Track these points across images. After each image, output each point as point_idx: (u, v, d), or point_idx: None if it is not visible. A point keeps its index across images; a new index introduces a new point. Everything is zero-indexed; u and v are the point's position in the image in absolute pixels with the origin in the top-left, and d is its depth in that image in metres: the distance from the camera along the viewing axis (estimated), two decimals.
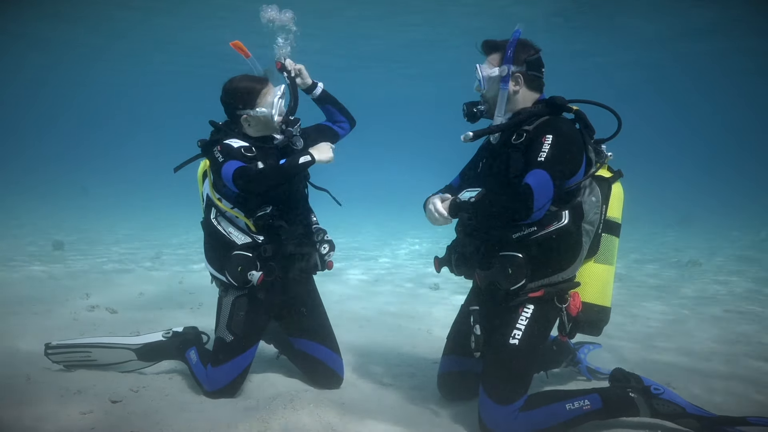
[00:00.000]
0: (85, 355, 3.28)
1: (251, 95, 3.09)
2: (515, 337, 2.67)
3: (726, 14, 15.58)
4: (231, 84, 3.14)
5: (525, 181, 2.53)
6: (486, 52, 2.88)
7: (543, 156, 2.56)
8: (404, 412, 3.00)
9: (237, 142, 3.07)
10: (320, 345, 3.36)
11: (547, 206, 2.57)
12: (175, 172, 3.32)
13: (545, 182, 2.51)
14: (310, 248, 3.25)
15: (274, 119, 3.09)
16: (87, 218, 15.04)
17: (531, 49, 2.82)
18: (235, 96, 3.11)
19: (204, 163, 3.24)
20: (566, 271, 2.73)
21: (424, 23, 17.52)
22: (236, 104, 3.12)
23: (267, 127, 3.16)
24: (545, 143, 2.59)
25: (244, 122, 3.15)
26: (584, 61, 22.32)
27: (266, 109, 3.09)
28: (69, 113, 48.84)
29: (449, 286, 6.87)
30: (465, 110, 2.90)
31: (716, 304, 6.24)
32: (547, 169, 2.54)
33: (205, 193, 3.17)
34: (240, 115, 3.13)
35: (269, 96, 3.11)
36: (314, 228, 3.32)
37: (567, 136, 2.66)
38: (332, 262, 3.34)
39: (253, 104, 3.10)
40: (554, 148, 2.58)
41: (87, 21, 17.48)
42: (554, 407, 2.64)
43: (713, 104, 37.50)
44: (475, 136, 2.77)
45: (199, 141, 3.19)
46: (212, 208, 3.13)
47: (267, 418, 2.63)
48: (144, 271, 7.62)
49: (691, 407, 2.69)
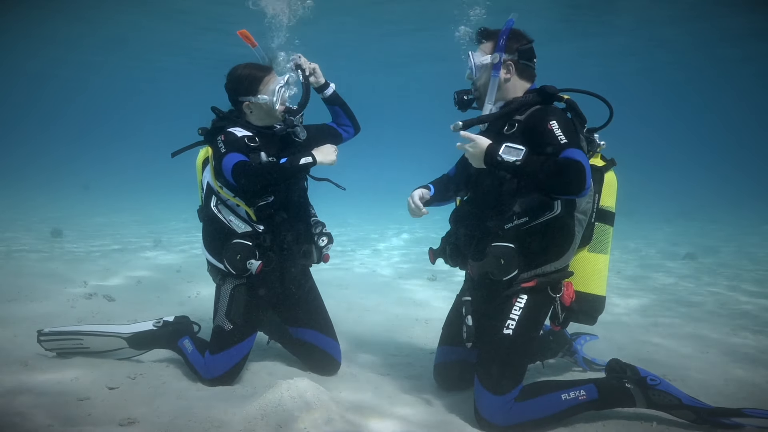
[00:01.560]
0: (77, 342, 3.29)
1: (254, 82, 3.11)
2: (509, 327, 2.68)
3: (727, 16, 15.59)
4: (235, 71, 3.17)
5: (571, 157, 2.43)
6: (479, 40, 2.87)
7: (563, 138, 2.51)
8: (401, 401, 3.01)
9: (240, 131, 3.10)
10: (317, 332, 3.39)
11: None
12: (173, 158, 3.33)
13: (586, 159, 2.47)
14: (309, 240, 3.28)
15: (275, 107, 3.11)
16: (86, 206, 15.04)
17: (524, 39, 2.81)
18: (238, 82, 3.13)
19: (204, 151, 3.25)
20: (559, 260, 2.73)
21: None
22: (239, 91, 3.14)
23: (269, 116, 3.18)
24: (554, 128, 2.55)
25: (246, 109, 3.16)
26: (584, 59, 22.27)
27: (268, 96, 3.10)
28: (73, 106, 48.71)
29: (446, 277, 6.86)
30: (456, 98, 2.90)
31: (713, 297, 6.25)
32: (577, 146, 2.51)
33: (206, 180, 3.17)
34: (242, 101, 3.15)
35: (272, 84, 3.12)
36: (313, 221, 3.34)
37: (565, 119, 2.65)
38: (328, 255, 3.37)
39: (256, 91, 3.12)
40: (565, 129, 2.55)
41: (91, 17, 17.43)
42: (550, 397, 2.65)
43: (709, 100, 37.48)
44: (465, 125, 2.74)
45: (199, 129, 3.21)
46: (213, 196, 3.13)
47: (264, 406, 2.63)
48: (142, 259, 7.62)
49: (687, 398, 2.70)
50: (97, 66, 26.39)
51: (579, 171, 2.39)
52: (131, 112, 49.87)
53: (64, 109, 48.32)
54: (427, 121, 42.07)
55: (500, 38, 2.76)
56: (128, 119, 53.34)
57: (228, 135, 3.04)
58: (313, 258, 3.33)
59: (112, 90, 36.48)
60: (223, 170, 2.96)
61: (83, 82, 32.61)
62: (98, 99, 41.85)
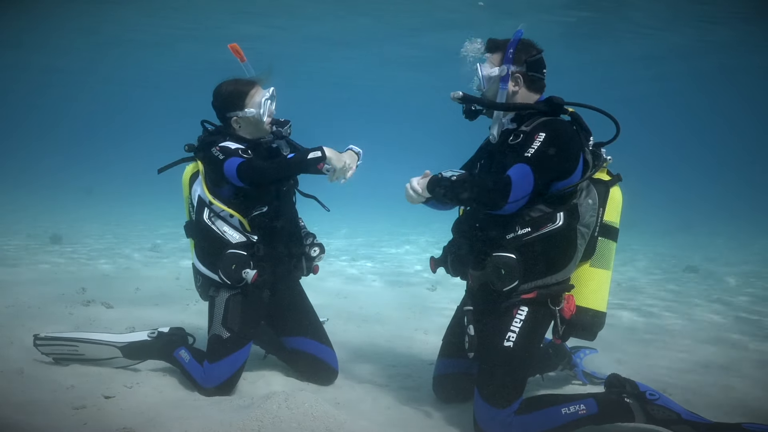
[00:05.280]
0: (72, 348, 3.28)
1: (240, 97, 3.16)
2: (509, 339, 2.67)
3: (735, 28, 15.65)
4: (220, 88, 3.23)
5: (507, 173, 2.55)
6: (487, 51, 2.87)
7: (530, 152, 2.58)
8: (399, 413, 2.99)
9: (233, 144, 3.13)
10: (312, 340, 3.40)
11: (522, 201, 2.58)
12: (159, 174, 3.38)
13: (525, 176, 2.53)
14: (300, 251, 3.31)
15: (263, 119, 3.15)
16: (86, 213, 15.03)
17: (533, 50, 2.81)
18: (225, 98, 3.19)
19: (191, 166, 3.30)
20: (560, 273, 2.72)
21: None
22: (226, 107, 3.20)
23: (257, 129, 3.22)
24: (536, 140, 2.61)
25: (235, 124, 3.21)
26: (588, 67, 22.34)
27: (254, 109, 3.14)
28: (74, 111, 48.79)
29: (446, 288, 6.85)
30: (464, 107, 2.90)
31: (714, 310, 6.23)
32: (531, 164, 2.55)
33: (196, 194, 3.20)
34: (230, 117, 3.20)
35: (257, 97, 3.17)
36: (303, 232, 3.38)
37: (562, 136, 2.65)
38: (318, 267, 3.40)
39: (242, 106, 3.17)
40: (544, 146, 2.59)
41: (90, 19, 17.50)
42: (550, 411, 2.63)
43: (718, 109, 37.50)
44: (465, 98, 2.76)
45: (186, 145, 3.26)
46: (205, 209, 3.16)
47: (261, 417, 2.61)
48: (141, 266, 7.61)
49: (687, 413, 2.68)
50: (97, 66, 26.42)
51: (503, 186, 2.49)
52: (131, 113, 49.90)
53: (65, 109, 48.41)
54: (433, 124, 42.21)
55: (508, 50, 2.76)
56: (129, 121, 53.37)
57: (223, 146, 3.08)
58: (303, 269, 3.35)
59: (112, 92, 36.49)
60: (227, 174, 2.99)
61: (83, 84, 32.70)
62: (98, 100, 41.84)
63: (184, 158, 3.29)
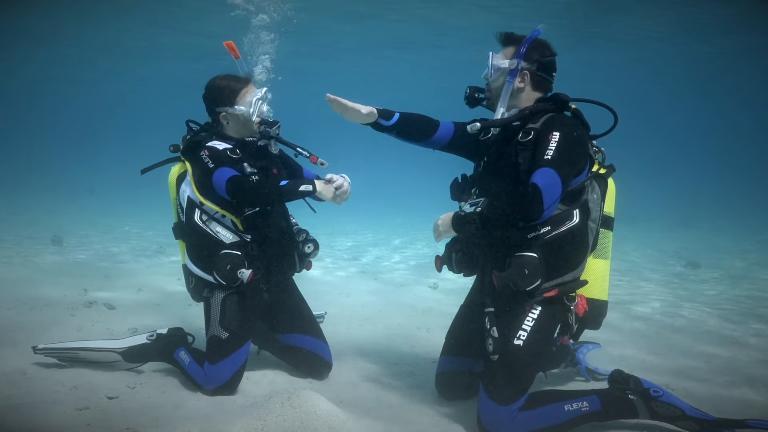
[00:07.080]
0: (72, 356, 3.27)
1: (231, 93, 3.16)
2: (520, 337, 2.65)
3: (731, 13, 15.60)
4: (213, 81, 3.22)
5: (532, 180, 2.51)
6: (503, 43, 2.88)
7: (550, 154, 2.55)
8: (402, 411, 2.99)
9: (221, 144, 3.12)
10: (307, 336, 3.42)
11: (555, 205, 2.56)
12: (143, 174, 3.37)
13: (554, 181, 2.50)
14: (292, 248, 3.31)
15: (252, 119, 3.15)
16: (88, 214, 15.03)
17: (547, 51, 2.81)
18: (216, 93, 3.18)
19: (178, 167, 3.30)
20: (577, 269, 2.73)
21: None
22: (216, 101, 3.19)
23: (245, 128, 3.21)
24: (552, 141, 2.58)
25: (223, 120, 3.20)
26: (587, 66, 22.31)
27: (244, 107, 3.13)
28: (73, 110, 48.81)
29: (448, 285, 6.85)
30: (467, 92, 2.91)
31: (715, 306, 6.23)
32: (555, 167, 2.52)
33: (185, 195, 3.19)
34: (219, 112, 3.19)
35: (249, 96, 3.16)
36: (295, 229, 3.38)
37: (575, 134, 2.66)
38: (311, 263, 3.41)
39: (233, 102, 3.16)
40: (561, 146, 2.57)
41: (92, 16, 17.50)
42: (553, 408, 2.63)
43: (716, 106, 37.45)
44: (482, 128, 2.78)
45: (171, 146, 3.25)
46: (196, 209, 3.14)
47: (264, 416, 2.61)
48: (143, 267, 7.60)
49: (691, 410, 2.67)
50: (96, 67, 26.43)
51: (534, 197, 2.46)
52: (132, 114, 49.92)
53: (65, 110, 48.44)
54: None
55: (522, 46, 2.77)
56: (129, 122, 53.40)
57: (211, 150, 3.07)
58: (296, 266, 3.35)
59: (112, 92, 36.49)
60: (215, 185, 2.99)
61: (81, 85, 32.68)
62: (99, 101, 41.85)
63: (169, 159, 3.28)
